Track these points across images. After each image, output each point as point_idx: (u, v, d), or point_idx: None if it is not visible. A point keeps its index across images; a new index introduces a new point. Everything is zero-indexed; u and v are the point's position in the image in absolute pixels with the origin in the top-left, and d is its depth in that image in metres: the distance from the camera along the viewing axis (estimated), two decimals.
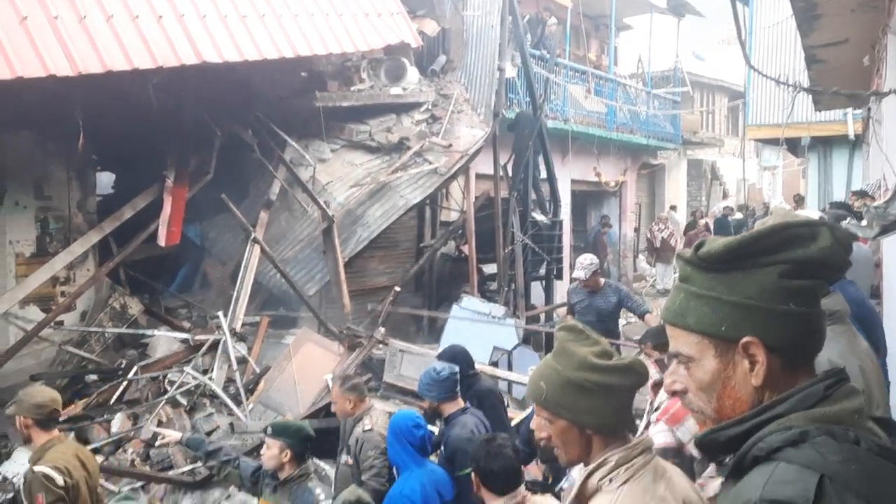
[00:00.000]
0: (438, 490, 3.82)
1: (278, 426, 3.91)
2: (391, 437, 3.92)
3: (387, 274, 10.57)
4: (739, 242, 1.35)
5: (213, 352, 7.60)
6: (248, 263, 8.21)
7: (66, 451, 3.90)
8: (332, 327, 8.26)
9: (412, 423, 3.89)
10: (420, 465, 3.84)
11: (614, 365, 1.86)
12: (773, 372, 1.32)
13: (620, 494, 1.74)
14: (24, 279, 7.43)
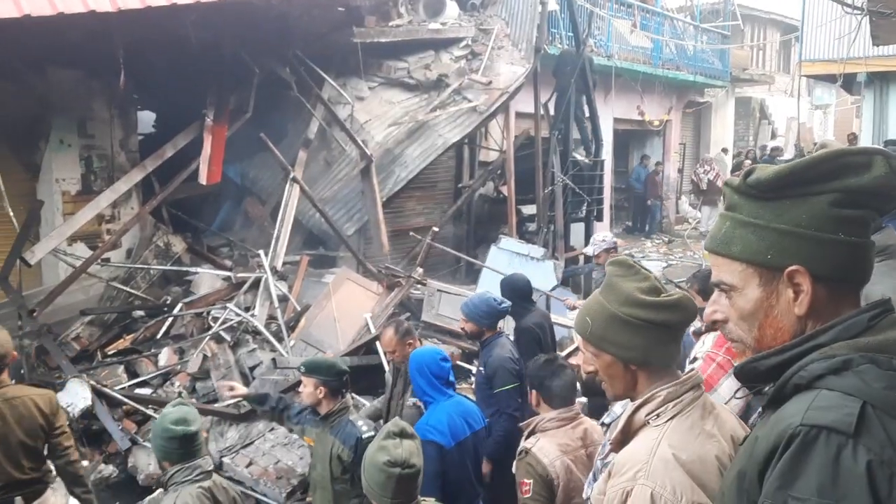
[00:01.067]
0: (466, 420, 3.89)
1: (310, 363, 3.97)
2: (414, 373, 3.97)
3: (425, 214, 10.60)
4: (791, 169, 1.32)
5: (255, 290, 7.75)
6: (288, 203, 8.29)
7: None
8: (370, 267, 8.35)
9: (439, 357, 3.96)
10: (446, 397, 3.92)
11: (661, 301, 1.84)
12: (817, 302, 1.30)
13: (667, 429, 1.74)
14: (71, 217, 7.61)
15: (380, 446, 2.71)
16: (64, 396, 6.06)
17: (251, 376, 6.92)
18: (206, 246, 9.14)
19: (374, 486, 2.67)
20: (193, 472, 3.16)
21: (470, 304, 4.73)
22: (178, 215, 9.24)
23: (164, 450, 3.17)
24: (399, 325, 4.69)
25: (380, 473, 2.65)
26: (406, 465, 2.65)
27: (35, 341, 6.77)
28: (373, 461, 2.68)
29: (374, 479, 2.67)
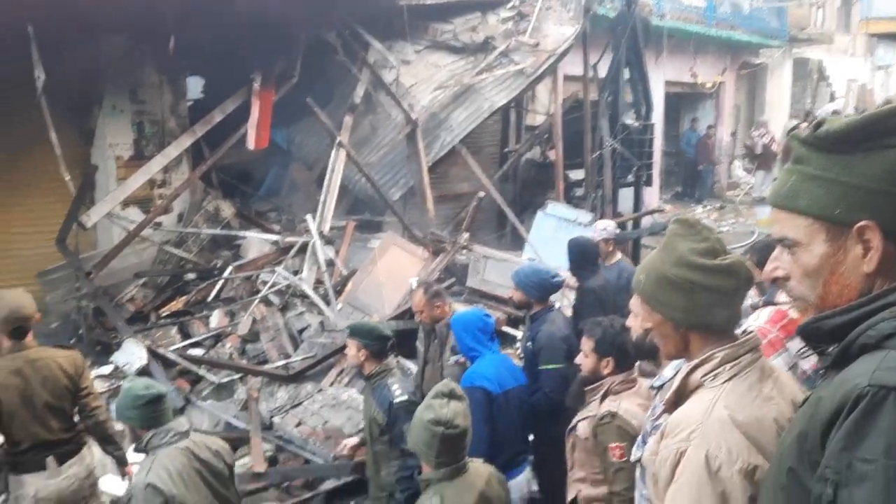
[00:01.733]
0: (512, 373, 4.03)
1: (354, 326, 4.07)
2: (460, 331, 4.08)
3: (470, 179, 10.53)
4: (864, 121, 1.27)
5: (302, 254, 7.87)
6: (334, 168, 8.34)
7: (11, 363, 3.86)
8: (416, 232, 8.37)
9: (483, 314, 4.14)
10: (492, 351, 4.06)
11: (712, 265, 1.80)
12: (887, 259, 1.26)
13: (724, 391, 1.71)
14: (124, 182, 7.80)
15: (427, 405, 2.75)
16: (120, 356, 6.28)
17: (299, 339, 7.06)
18: (254, 211, 9.29)
19: (421, 443, 2.72)
20: (167, 434, 3.21)
21: (521, 273, 4.64)
22: (226, 180, 9.39)
23: (138, 417, 3.22)
24: (429, 286, 4.79)
25: (425, 431, 2.69)
26: (450, 424, 2.69)
27: (92, 303, 7.00)
28: (419, 419, 2.73)
29: (419, 437, 2.72)
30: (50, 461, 3.92)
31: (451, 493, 2.67)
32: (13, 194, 7.61)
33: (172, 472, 3.13)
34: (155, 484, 3.06)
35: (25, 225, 7.68)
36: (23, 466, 3.90)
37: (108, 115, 8.02)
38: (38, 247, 7.58)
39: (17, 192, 7.62)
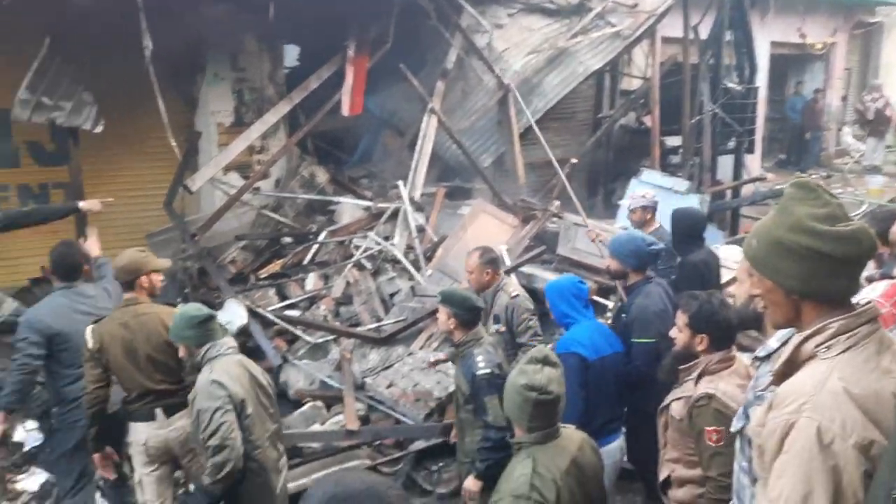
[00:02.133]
0: (607, 340, 4.01)
1: (446, 294, 4.10)
2: (555, 298, 4.08)
3: (563, 146, 10.37)
4: None
5: (394, 220, 7.98)
6: (426, 134, 8.38)
7: (121, 316, 4.09)
8: (506, 199, 8.34)
9: (577, 280, 4.13)
10: (586, 318, 4.04)
11: (832, 231, 1.70)
12: None
13: (839, 363, 1.64)
14: (226, 147, 8.10)
15: (521, 370, 2.75)
16: (223, 315, 6.56)
17: (390, 303, 7.20)
18: (347, 177, 9.46)
19: (513, 407, 2.73)
20: (223, 346, 3.62)
21: (617, 240, 4.53)
22: (321, 147, 9.59)
23: (194, 336, 3.61)
24: (487, 251, 4.86)
25: (517, 396, 2.70)
26: (543, 390, 2.68)
27: (197, 263, 7.35)
28: (513, 383, 2.74)
29: (512, 401, 2.73)
30: (159, 412, 4.12)
31: (543, 457, 2.68)
32: (122, 160, 8.05)
33: (232, 374, 3.54)
34: (219, 380, 3.47)
35: (134, 189, 8.13)
36: (135, 415, 4.14)
37: (211, 83, 8.32)
38: (146, 210, 8.03)
39: (126, 157, 8.06)
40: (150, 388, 4.09)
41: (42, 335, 4.22)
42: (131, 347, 4.04)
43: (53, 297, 4.40)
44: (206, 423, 3.41)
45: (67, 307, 4.33)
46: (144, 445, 4.14)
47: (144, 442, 4.14)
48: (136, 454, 4.21)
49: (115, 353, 4.04)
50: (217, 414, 3.41)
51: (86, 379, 4.09)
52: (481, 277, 4.76)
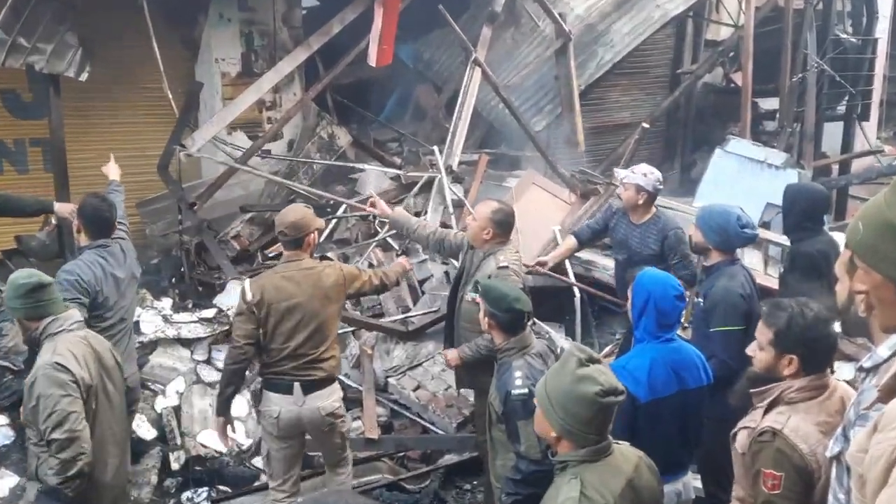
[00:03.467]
0: (678, 373, 3.70)
1: (484, 286, 4.04)
2: (642, 299, 3.76)
3: (632, 107, 10.26)
4: None
5: (427, 192, 7.97)
6: (468, 90, 8.31)
7: (285, 269, 4.46)
8: (562, 170, 8.27)
9: (675, 293, 3.72)
10: (657, 340, 3.73)
11: None
12: None
13: None
14: (231, 102, 8.16)
15: (581, 376, 2.70)
16: (224, 298, 6.67)
17: (420, 290, 7.21)
18: (373, 139, 9.48)
19: (579, 423, 2.67)
20: (66, 321, 3.63)
21: (707, 211, 4.60)
22: (343, 103, 9.62)
23: (23, 308, 3.63)
24: (504, 209, 4.83)
25: (590, 407, 2.64)
26: (617, 391, 2.68)
27: (195, 237, 7.45)
28: (580, 395, 2.67)
29: (579, 416, 2.66)
30: (296, 387, 4.44)
31: (593, 477, 2.65)
32: (111, 114, 8.18)
33: (77, 355, 3.55)
34: (63, 362, 3.47)
35: (125, 148, 8.20)
36: (272, 386, 4.49)
37: (215, 26, 8.38)
38: (137, 173, 8.12)
39: (115, 111, 8.18)
40: (302, 352, 4.41)
41: (88, 295, 4.44)
42: (294, 303, 4.37)
43: (88, 255, 4.61)
44: (49, 412, 3.43)
45: (103, 267, 4.58)
46: (276, 419, 4.47)
47: (277, 415, 4.46)
48: (263, 426, 4.64)
49: (277, 307, 4.34)
50: (63, 402, 3.44)
51: (236, 333, 4.41)
52: (479, 233, 4.81)
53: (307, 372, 4.45)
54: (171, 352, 6.22)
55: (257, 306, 4.32)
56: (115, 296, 4.62)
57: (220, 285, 6.96)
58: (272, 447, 4.58)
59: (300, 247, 4.49)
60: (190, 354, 6.26)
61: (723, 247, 4.47)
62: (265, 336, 4.39)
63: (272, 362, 4.45)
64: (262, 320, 4.35)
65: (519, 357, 3.85)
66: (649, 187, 5.53)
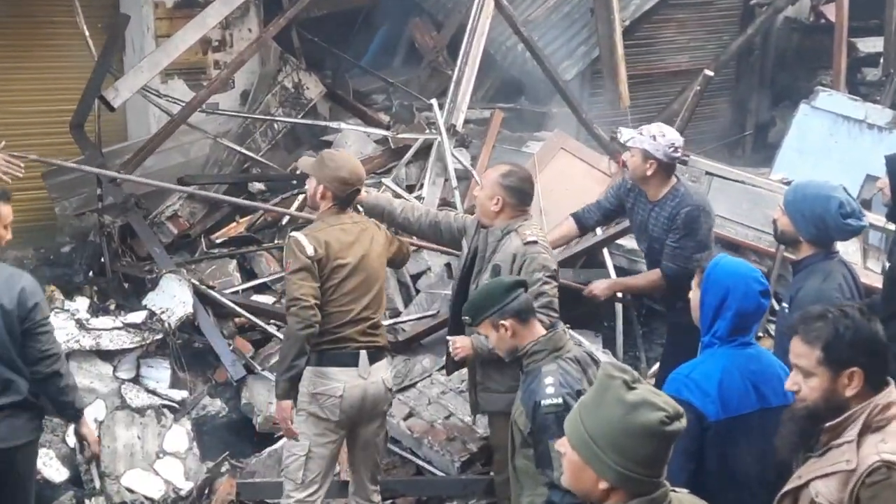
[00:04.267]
0: (757, 386, 3.73)
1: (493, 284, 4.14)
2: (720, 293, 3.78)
3: (691, 49, 10.27)
4: None
5: (423, 159, 7.93)
6: (476, 27, 8.26)
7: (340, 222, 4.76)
8: (599, 131, 8.24)
9: (760, 288, 3.74)
10: (731, 345, 3.77)
11: None
12: None
13: None
14: (167, 40, 8.08)
15: (634, 402, 2.64)
16: (156, 298, 6.63)
17: (413, 288, 7.18)
18: (352, 90, 9.41)
19: (639, 465, 2.62)
20: None
21: (799, 193, 4.52)
22: (314, 43, 9.55)
23: None
24: (515, 174, 4.86)
25: (653, 440, 2.59)
26: (681, 415, 2.63)
27: (119, 219, 7.40)
28: (641, 427, 2.61)
29: (639, 455, 2.61)
30: (363, 356, 4.75)
31: None
32: (15, 57, 8.12)
33: None
34: None
35: (30, 101, 8.19)
36: (333, 358, 4.73)
37: None
38: (46, 134, 8.09)
39: (19, 51, 8.13)
40: (366, 315, 4.78)
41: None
42: (362, 255, 4.75)
43: None
44: None
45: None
46: (340, 398, 4.68)
47: (341, 394, 4.68)
48: (313, 413, 4.73)
49: (343, 264, 4.69)
50: None
51: (300, 292, 4.58)
52: (487, 202, 4.80)
53: (371, 338, 4.80)
54: (87, 367, 6.16)
55: (321, 262, 4.60)
56: None
57: (151, 280, 6.90)
58: (317, 442, 4.73)
59: (350, 204, 4.85)
60: (112, 371, 6.21)
61: (818, 240, 4.43)
62: (325, 298, 4.64)
63: (331, 328, 4.67)
64: (325, 278, 4.65)
65: (551, 361, 3.90)
66: (659, 154, 5.40)
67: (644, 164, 5.43)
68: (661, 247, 5.53)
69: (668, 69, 10.10)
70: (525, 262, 4.67)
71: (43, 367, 4.31)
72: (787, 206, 4.50)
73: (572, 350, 4.01)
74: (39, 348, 4.31)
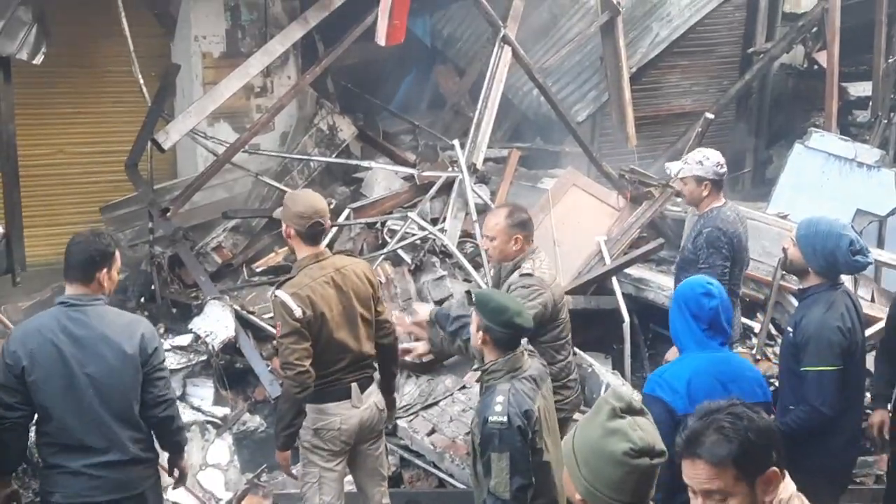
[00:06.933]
0: (725, 385, 3.87)
1: (480, 295, 4.19)
2: (674, 306, 4.10)
3: (694, 93, 10.25)
4: None
5: (446, 194, 7.94)
6: (495, 73, 8.28)
7: (321, 272, 4.64)
8: (608, 168, 8.23)
9: (701, 291, 3.98)
10: (702, 347, 3.98)
11: None
12: None
13: None
14: (213, 87, 8.16)
15: (609, 430, 2.64)
16: (201, 322, 6.66)
17: None
18: (381, 132, 9.45)
19: (605, 486, 2.62)
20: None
21: (812, 230, 4.56)
22: (347, 88, 9.61)
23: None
24: (517, 210, 5.04)
25: (617, 468, 2.59)
26: (654, 452, 2.60)
27: (168, 249, 7.45)
28: (604, 452, 2.62)
29: (606, 477, 2.61)
30: (354, 388, 4.77)
31: None
32: (71, 102, 8.21)
33: None
34: None
35: (88, 143, 8.28)
36: (328, 395, 4.72)
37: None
38: (101, 173, 8.18)
39: (78, 99, 8.22)
40: (366, 352, 4.80)
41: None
42: (345, 306, 4.68)
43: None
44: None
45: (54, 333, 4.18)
46: (338, 430, 4.72)
47: (338, 426, 4.72)
48: (317, 446, 4.77)
49: (331, 316, 4.61)
50: None
51: (292, 357, 4.52)
52: (507, 247, 4.91)
53: (362, 371, 4.82)
54: None
55: (309, 323, 4.52)
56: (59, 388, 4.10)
57: (197, 306, 6.94)
58: (325, 467, 4.78)
59: (316, 243, 4.74)
60: None
61: (826, 272, 4.52)
62: (317, 350, 4.60)
63: (326, 372, 4.67)
64: (315, 335, 4.58)
65: (506, 381, 3.97)
66: (710, 174, 5.57)
67: (699, 187, 5.61)
68: (682, 261, 5.79)
69: (672, 111, 10.10)
70: (516, 290, 4.76)
71: (159, 411, 4.21)
72: (800, 239, 4.57)
73: (530, 369, 4.07)
74: (157, 393, 4.19)
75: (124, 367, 4.08)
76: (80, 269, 4.11)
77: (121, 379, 4.08)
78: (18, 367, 3.98)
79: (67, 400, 4.02)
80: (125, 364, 4.07)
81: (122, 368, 4.07)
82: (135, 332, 4.14)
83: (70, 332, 4.03)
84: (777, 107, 11.00)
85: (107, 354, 4.05)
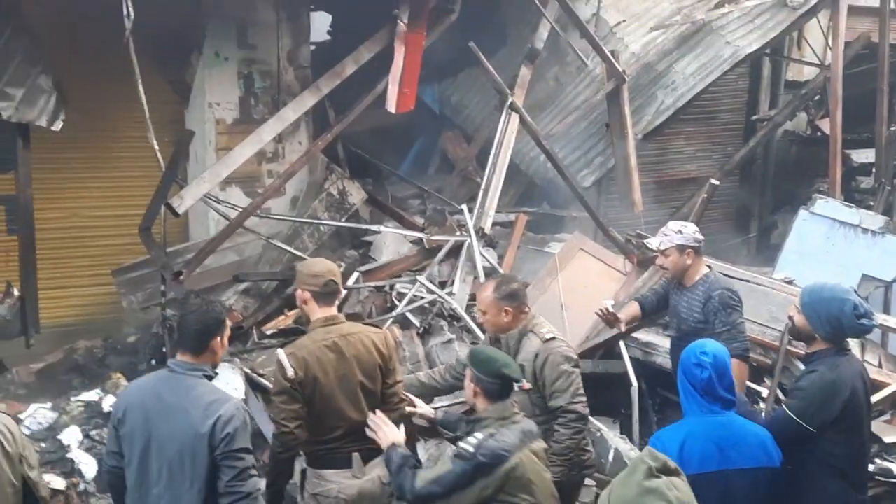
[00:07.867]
0: (724, 450, 3.89)
1: (473, 351, 4.42)
2: (679, 369, 4.13)
3: (699, 160, 10.32)
4: None
5: (454, 258, 7.96)
6: (503, 140, 8.37)
7: (325, 336, 4.60)
8: (615, 233, 8.25)
9: (693, 361, 4.01)
10: (702, 412, 4.00)
11: None
12: None
13: None
14: (227, 153, 8.25)
15: (646, 489, 2.65)
16: None
17: None
18: (390, 196, 9.51)
19: None
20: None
21: (816, 296, 4.58)
22: (357, 154, 9.70)
23: None
24: (505, 282, 5.06)
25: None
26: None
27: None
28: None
29: None
30: (356, 458, 4.64)
31: None
32: (90, 167, 8.32)
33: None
34: None
35: (102, 206, 8.34)
36: (328, 460, 4.64)
37: (210, 65, 8.53)
38: (115, 236, 8.23)
39: (94, 164, 8.32)
40: (357, 420, 4.60)
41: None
42: (344, 373, 4.58)
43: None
44: None
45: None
46: (335, 498, 4.61)
47: (336, 494, 4.61)
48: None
49: (329, 382, 4.54)
50: None
51: (280, 416, 4.52)
52: (498, 319, 4.96)
53: (366, 441, 4.60)
54: None
55: (301, 384, 4.47)
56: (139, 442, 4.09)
57: None
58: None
59: (331, 304, 4.70)
60: None
61: (832, 337, 4.51)
62: (313, 414, 4.54)
63: (324, 438, 4.61)
64: (308, 398, 4.51)
65: (489, 427, 4.10)
66: (691, 242, 5.73)
67: (682, 256, 5.75)
68: (688, 328, 5.75)
69: (677, 177, 10.16)
70: (548, 357, 4.81)
71: (224, 501, 3.92)
72: (804, 306, 4.57)
73: (522, 422, 4.20)
74: (225, 482, 3.90)
75: (194, 445, 3.90)
76: (195, 339, 4.11)
77: (191, 456, 3.92)
78: (115, 419, 4.13)
79: (142, 463, 4.02)
80: (195, 442, 3.90)
81: (193, 446, 3.91)
82: (213, 413, 3.92)
83: (160, 397, 4.03)
84: (781, 173, 11.06)
85: (180, 427, 3.93)
